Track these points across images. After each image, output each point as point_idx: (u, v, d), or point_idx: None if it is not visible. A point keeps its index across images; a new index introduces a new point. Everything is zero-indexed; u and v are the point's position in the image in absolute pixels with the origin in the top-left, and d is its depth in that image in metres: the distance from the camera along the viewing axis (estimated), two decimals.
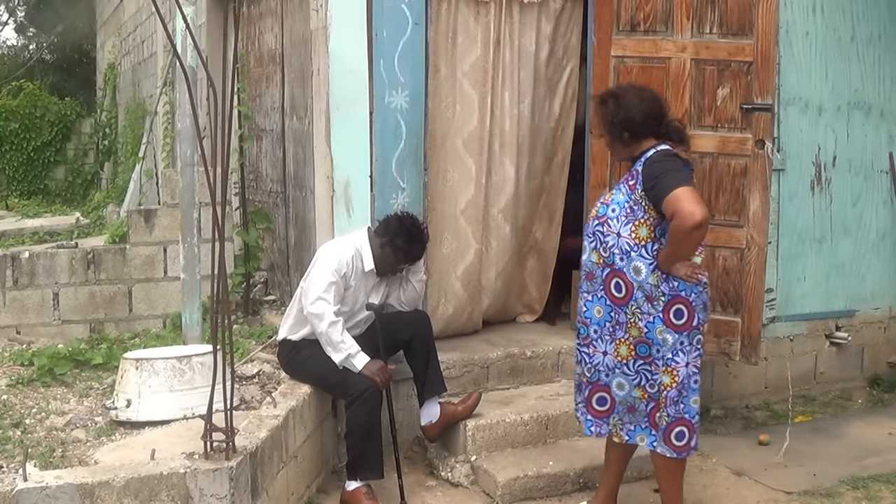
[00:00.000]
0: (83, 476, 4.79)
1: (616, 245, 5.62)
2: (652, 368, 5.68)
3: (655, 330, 5.59)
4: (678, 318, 5.57)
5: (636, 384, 5.76)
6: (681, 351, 5.60)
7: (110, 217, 14.69)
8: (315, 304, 6.33)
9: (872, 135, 8.83)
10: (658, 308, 5.57)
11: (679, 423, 5.68)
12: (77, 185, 21.89)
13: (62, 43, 28.73)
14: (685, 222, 5.27)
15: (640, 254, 5.56)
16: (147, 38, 15.73)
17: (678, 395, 5.64)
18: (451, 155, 7.82)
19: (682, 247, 5.47)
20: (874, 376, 9.08)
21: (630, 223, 5.60)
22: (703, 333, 5.71)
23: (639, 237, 5.57)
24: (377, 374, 6.30)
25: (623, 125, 5.68)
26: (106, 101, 21.17)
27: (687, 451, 5.75)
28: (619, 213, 5.65)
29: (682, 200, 5.29)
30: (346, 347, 6.30)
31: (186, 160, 6.92)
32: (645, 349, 5.67)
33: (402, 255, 6.64)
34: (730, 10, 7.10)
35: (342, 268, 6.45)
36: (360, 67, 7.06)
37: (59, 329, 8.33)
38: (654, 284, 5.54)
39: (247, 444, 5.20)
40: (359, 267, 6.57)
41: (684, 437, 5.70)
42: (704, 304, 5.68)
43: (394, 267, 6.72)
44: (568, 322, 8.45)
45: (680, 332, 5.59)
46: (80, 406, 6.43)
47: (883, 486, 6.74)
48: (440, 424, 6.90)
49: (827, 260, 8.66)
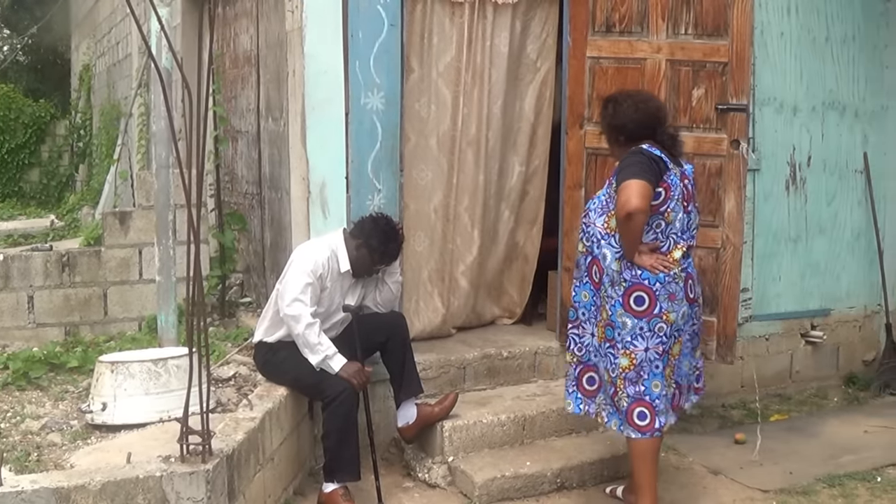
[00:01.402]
0: (59, 480, 4.76)
1: (594, 234, 5.98)
2: (614, 351, 5.95)
3: (616, 313, 5.91)
4: (638, 305, 5.87)
5: (605, 367, 6.03)
6: (640, 336, 5.87)
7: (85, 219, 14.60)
8: (291, 305, 6.32)
9: (847, 135, 8.87)
10: (619, 293, 5.88)
11: (638, 403, 5.92)
12: (52, 187, 21.76)
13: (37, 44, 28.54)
14: (619, 211, 5.74)
15: (609, 242, 5.92)
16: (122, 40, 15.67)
17: (637, 376, 5.89)
18: (426, 154, 7.85)
19: (623, 234, 5.85)
20: (849, 375, 9.12)
21: (604, 214, 5.97)
22: (668, 322, 5.89)
23: (609, 227, 5.94)
24: (354, 376, 6.30)
25: (618, 130, 6.07)
26: (81, 103, 21.05)
27: (651, 431, 5.94)
28: (597, 205, 6.04)
29: (622, 191, 5.70)
30: (322, 349, 6.30)
31: (161, 162, 6.89)
32: (610, 332, 5.96)
33: (377, 255, 6.64)
34: (705, 11, 7.13)
35: (318, 269, 6.44)
36: (335, 69, 7.05)
37: (34, 332, 8.29)
38: (617, 271, 5.88)
39: (223, 446, 5.19)
40: (334, 268, 6.56)
41: (646, 417, 5.92)
42: (671, 294, 5.88)
43: (369, 268, 6.71)
44: (544, 323, 8.46)
45: (640, 317, 5.86)
46: (55, 410, 6.39)
47: (858, 484, 6.77)
48: (417, 425, 6.90)
49: (802, 259, 8.70)
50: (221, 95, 9.35)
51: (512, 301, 8.65)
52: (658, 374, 5.88)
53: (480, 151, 8.02)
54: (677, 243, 5.90)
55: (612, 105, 6.11)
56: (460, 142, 7.92)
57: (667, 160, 5.86)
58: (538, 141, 8.35)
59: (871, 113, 9.01)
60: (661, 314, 5.85)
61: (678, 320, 5.93)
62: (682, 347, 6.05)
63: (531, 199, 8.43)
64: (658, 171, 5.78)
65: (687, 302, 5.99)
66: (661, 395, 5.92)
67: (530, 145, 8.33)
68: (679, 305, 5.92)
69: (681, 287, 5.93)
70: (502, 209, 8.33)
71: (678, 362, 6.07)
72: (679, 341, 6.00)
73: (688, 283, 5.99)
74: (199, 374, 5.03)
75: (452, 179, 7.95)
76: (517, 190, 8.36)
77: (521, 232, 8.48)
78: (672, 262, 5.87)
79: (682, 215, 5.91)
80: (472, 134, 7.97)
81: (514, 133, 8.25)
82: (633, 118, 5.98)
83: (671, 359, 5.98)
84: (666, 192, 5.81)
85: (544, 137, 8.35)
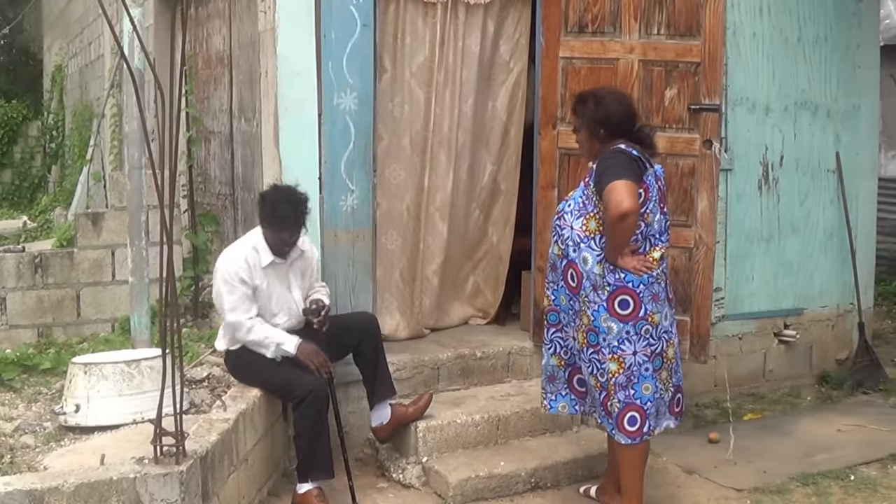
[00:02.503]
0: (32, 482, 4.75)
1: (570, 237, 5.89)
2: (600, 357, 5.87)
3: (601, 318, 5.81)
4: (623, 308, 5.79)
5: (590, 373, 5.98)
6: (627, 340, 5.81)
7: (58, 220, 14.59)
8: (226, 316, 6.35)
9: (819, 135, 8.90)
10: (603, 297, 5.80)
11: (630, 408, 5.86)
12: (24, 188, 21.71)
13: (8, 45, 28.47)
14: (611, 212, 5.58)
15: (589, 245, 5.83)
16: (94, 40, 15.59)
17: (627, 380, 5.83)
18: (399, 154, 7.89)
19: (614, 236, 5.72)
20: (823, 373, 9.16)
21: (581, 216, 5.88)
22: (653, 324, 5.85)
23: (588, 229, 5.84)
24: (312, 357, 6.28)
25: (602, 123, 5.93)
26: (53, 104, 20.98)
27: (640, 436, 5.90)
28: (573, 207, 5.95)
29: (611, 192, 5.59)
30: (271, 340, 6.30)
31: (134, 163, 6.87)
32: (594, 337, 5.88)
33: (276, 225, 6.40)
34: (677, 12, 7.16)
35: (237, 272, 6.33)
36: (308, 69, 7.04)
37: (7, 334, 8.23)
38: (600, 274, 5.79)
39: (197, 448, 5.17)
40: (257, 263, 6.43)
41: (636, 422, 5.88)
42: (654, 296, 5.84)
43: (281, 241, 6.45)
44: (518, 323, 8.47)
45: (625, 321, 5.79)
46: (28, 411, 6.38)
47: (832, 482, 6.80)
48: (391, 426, 6.90)
49: (775, 259, 8.73)
50: (194, 96, 9.33)
51: (486, 301, 8.66)
52: (648, 377, 5.85)
53: (451, 151, 8.04)
54: (655, 245, 5.87)
55: (593, 99, 6.01)
56: (432, 141, 7.94)
57: (644, 161, 5.85)
58: (511, 141, 8.36)
59: (843, 113, 9.04)
60: (646, 316, 5.81)
61: (663, 321, 5.91)
62: (675, 350, 6.05)
63: (504, 199, 8.45)
64: (639, 171, 5.76)
65: (667, 303, 6.00)
66: (653, 398, 5.89)
67: (502, 145, 8.34)
68: (662, 306, 5.91)
69: (663, 288, 5.92)
70: (472, 208, 8.35)
71: (676, 366, 6.09)
72: (671, 343, 5.99)
73: (667, 284, 6.00)
74: (173, 375, 5.02)
75: (424, 179, 7.98)
76: (488, 189, 8.38)
77: (494, 231, 8.49)
78: (653, 262, 5.84)
79: (660, 216, 5.90)
80: (443, 133, 7.99)
81: (486, 133, 8.28)
82: (617, 111, 5.92)
83: (666, 361, 5.95)
84: (645, 193, 5.78)
85: (517, 137, 8.36)
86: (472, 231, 8.42)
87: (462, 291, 8.54)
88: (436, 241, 8.14)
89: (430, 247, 8.13)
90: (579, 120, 6.09)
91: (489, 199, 8.42)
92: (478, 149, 8.23)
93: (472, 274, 8.54)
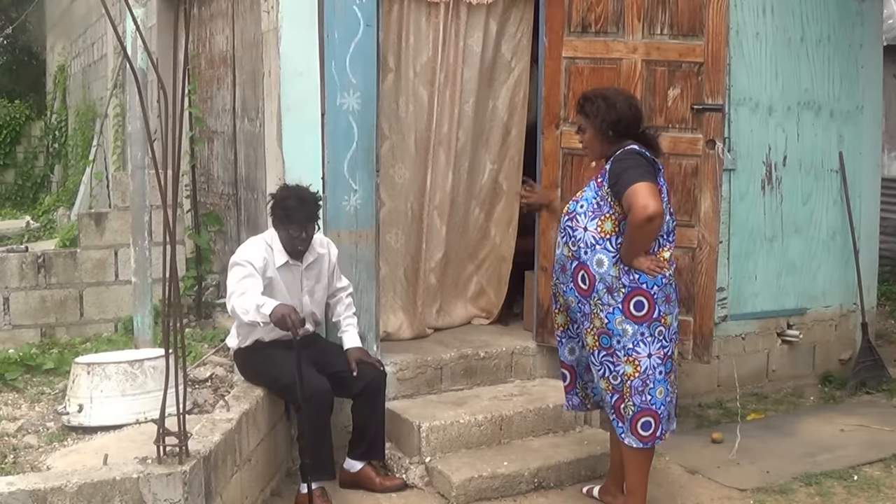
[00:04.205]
0: (35, 482, 4.74)
1: (583, 239, 5.81)
2: (614, 360, 5.82)
3: (615, 321, 5.75)
4: (638, 310, 5.74)
5: (601, 375, 5.92)
6: (642, 342, 5.76)
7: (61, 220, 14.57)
8: (229, 289, 6.28)
9: (822, 134, 8.90)
10: (618, 299, 5.73)
11: (645, 413, 5.82)
12: (27, 188, 21.70)
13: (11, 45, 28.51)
14: (638, 215, 5.49)
15: (605, 247, 5.75)
16: (97, 40, 15.60)
17: (643, 385, 5.78)
18: (404, 154, 7.91)
19: (638, 239, 5.66)
20: (826, 373, 9.16)
21: (596, 218, 5.80)
22: (666, 325, 5.82)
23: (604, 231, 5.76)
24: (289, 315, 6.02)
25: (612, 125, 5.86)
26: (56, 104, 20.98)
27: (653, 440, 5.89)
28: (586, 208, 5.86)
29: (637, 194, 5.51)
30: (253, 301, 6.11)
31: (137, 163, 6.87)
32: (607, 340, 5.82)
33: (285, 220, 6.39)
34: (680, 12, 7.14)
35: (251, 258, 6.30)
36: (311, 69, 7.03)
37: (10, 334, 8.25)
38: (616, 276, 5.72)
39: (200, 448, 5.17)
40: (272, 259, 6.42)
41: (650, 427, 5.85)
42: (667, 297, 5.81)
43: (293, 238, 6.44)
44: (521, 323, 8.46)
45: (640, 323, 5.75)
46: (31, 411, 6.38)
47: (835, 482, 6.80)
48: (354, 479, 6.71)
49: (778, 259, 8.73)
50: (197, 96, 9.34)
51: (489, 301, 8.65)
52: (662, 381, 5.82)
53: (451, 150, 8.04)
54: (663, 245, 5.84)
55: (603, 101, 5.92)
56: (433, 141, 7.94)
57: (655, 162, 5.83)
58: (512, 141, 8.35)
59: (846, 112, 9.05)
60: (659, 318, 5.78)
61: (673, 322, 5.90)
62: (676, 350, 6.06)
63: (506, 199, 8.43)
64: (654, 172, 5.74)
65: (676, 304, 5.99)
66: (665, 402, 5.87)
67: (503, 145, 8.34)
68: (673, 307, 5.90)
69: (674, 289, 5.90)
70: (473, 207, 8.35)
71: (677, 366, 6.07)
72: (676, 344, 5.99)
73: (676, 285, 5.99)
74: (176, 375, 5.01)
75: (427, 178, 7.98)
76: (489, 189, 8.38)
77: (496, 231, 8.48)
78: (664, 262, 5.81)
79: (668, 217, 5.87)
80: (443, 133, 7.99)
81: (487, 132, 8.27)
82: (628, 113, 5.87)
83: (673, 363, 5.95)
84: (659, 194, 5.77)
85: (518, 137, 8.35)
86: (473, 231, 8.41)
87: (465, 291, 8.53)
88: (437, 240, 8.15)
89: (432, 246, 8.13)
90: (586, 120, 5.99)
91: (491, 199, 8.41)
92: (478, 148, 8.23)
93: (476, 274, 8.53)
